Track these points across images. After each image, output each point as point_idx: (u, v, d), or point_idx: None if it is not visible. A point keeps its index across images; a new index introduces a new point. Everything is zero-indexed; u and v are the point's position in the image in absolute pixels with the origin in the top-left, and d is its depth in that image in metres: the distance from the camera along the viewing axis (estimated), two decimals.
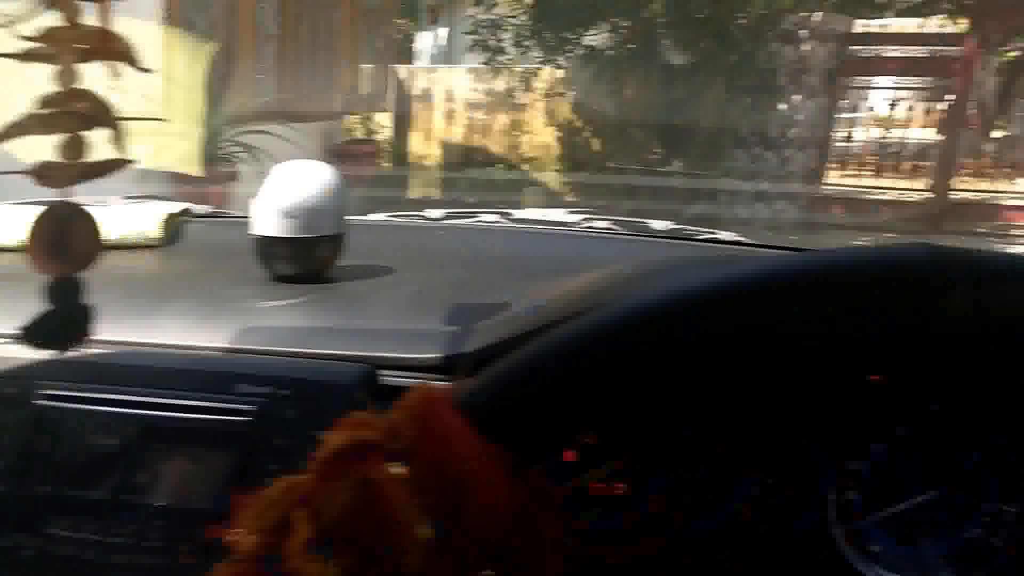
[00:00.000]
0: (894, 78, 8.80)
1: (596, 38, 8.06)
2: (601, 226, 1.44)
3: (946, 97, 8.50)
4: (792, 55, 8.47)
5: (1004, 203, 8.68)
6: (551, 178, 9.61)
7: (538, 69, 8.88)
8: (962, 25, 8.48)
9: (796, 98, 8.61)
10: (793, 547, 0.80)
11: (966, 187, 9.01)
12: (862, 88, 9.06)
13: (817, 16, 8.33)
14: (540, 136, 9.99)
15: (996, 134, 10.02)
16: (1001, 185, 9.05)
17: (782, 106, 8.61)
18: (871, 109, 9.19)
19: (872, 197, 9.22)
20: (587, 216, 1.48)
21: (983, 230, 8.43)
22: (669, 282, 0.38)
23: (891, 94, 9.00)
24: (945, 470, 0.78)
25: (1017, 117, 9.66)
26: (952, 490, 0.78)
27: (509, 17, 8.43)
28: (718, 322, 0.36)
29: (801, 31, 8.33)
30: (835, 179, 9.40)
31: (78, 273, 0.47)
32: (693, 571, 0.82)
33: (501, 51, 8.71)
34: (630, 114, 8.46)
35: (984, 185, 9.15)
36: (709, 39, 7.58)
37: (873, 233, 8.65)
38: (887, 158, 9.25)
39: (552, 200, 8.81)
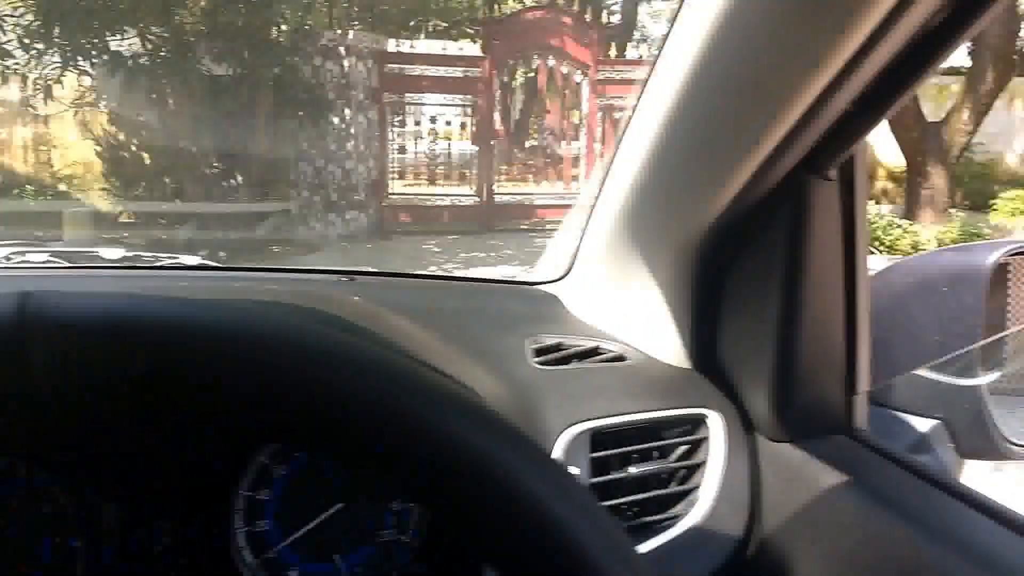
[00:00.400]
0: (432, 95, 9.67)
1: (123, 44, 7.26)
2: (38, 260, 1.22)
3: (477, 112, 9.61)
4: (336, 70, 8.76)
5: (537, 202, 10.17)
6: (97, 202, 8.48)
7: (60, 76, 7.69)
8: (478, 48, 9.70)
9: (347, 112, 8.94)
10: None
11: (506, 191, 10.39)
12: (408, 104, 9.75)
13: (351, 35, 8.72)
14: (74, 153, 8.75)
15: (529, 143, 11.70)
16: (533, 187, 10.62)
17: (335, 119, 8.86)
18: (418, 123, 9.97)
19: (432, 204, 10.09)
20: (20, 248, 1.24)
21: (525, 226, 9.78)
22: None
23: (433, 109, 9.88)
24: (351, 481, 0.78)
25: (539, 129, 11.36)
26: (356, 499, 0.78)
27: (9, 16, 7.14)
28: None
29: (340, 47, 8.66)
30: (399, 188, 10.06)
31: None
32: None
33: (6, 54, 7.35)
34: (178, 129, 7.83)
35: (520, 188, 10.66)
36: (248, 50, 7.38)
37: (438, 236, 9.46)
38: (438, 167, 10.16)
39: (101, 230, 7.76)
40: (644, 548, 0.74)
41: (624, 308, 0.92)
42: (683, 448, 0.81)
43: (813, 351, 0.74)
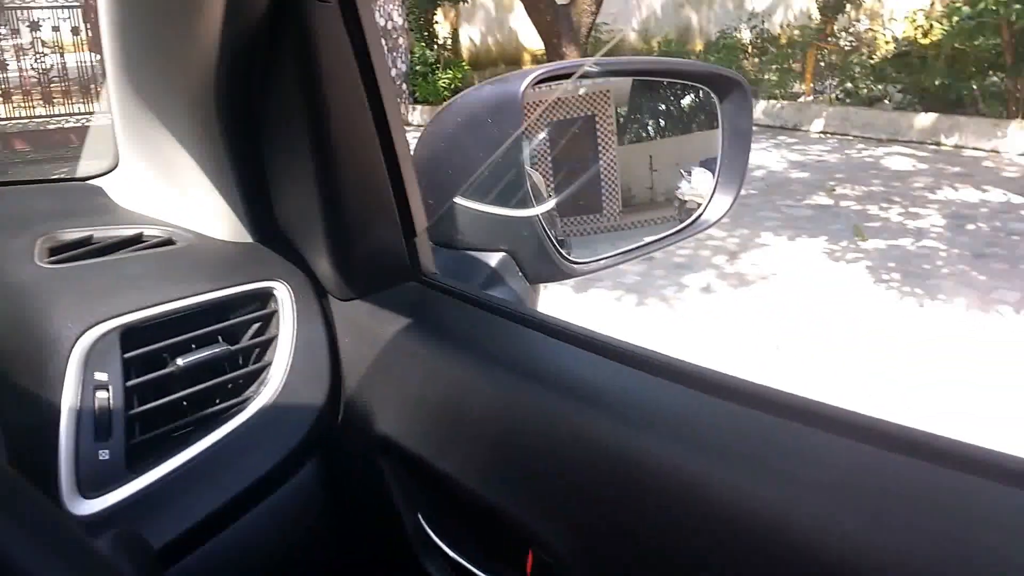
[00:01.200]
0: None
1: None
2: None
3: (92, 15, 8.26)
4: None
5: None
6: None
7: None
8: None
9: None
10: None
11: None
12: (5, 8, 8.10)
13: None
14: None
15: None
16: None
17: None
18: (16, 33, 8.33)
19: (56, 127, 8.59)
20: None
21: None
22: None
23: (35, 15, 8.29)
24: None
25: None
26: None
27: None
28: None
29: None
30: (7, 113, 8.41)
31: None
32: None
33: None
34: None
35: None
36: None
37: (69, 162, 8.15)
38: (54, 85, 8.65)
39: None
40: (213, 437, 0.67)
41: (172, 189, 0.81)
42: (256, 326, 0.75)
43: (361, 200, 0.70)
